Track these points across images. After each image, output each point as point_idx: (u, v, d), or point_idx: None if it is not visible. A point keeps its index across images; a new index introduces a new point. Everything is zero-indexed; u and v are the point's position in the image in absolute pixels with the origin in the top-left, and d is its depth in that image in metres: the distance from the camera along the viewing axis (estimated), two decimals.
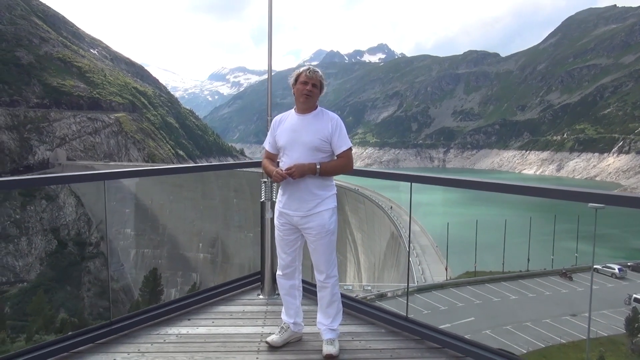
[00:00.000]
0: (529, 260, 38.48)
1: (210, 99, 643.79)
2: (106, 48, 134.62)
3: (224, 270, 60.08)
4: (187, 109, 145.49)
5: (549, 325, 26.14)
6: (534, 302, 29.95)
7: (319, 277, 2.98)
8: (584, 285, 32.04)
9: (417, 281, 34.03)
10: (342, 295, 3.39)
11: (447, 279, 34.77)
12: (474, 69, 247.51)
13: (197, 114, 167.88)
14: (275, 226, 3.03)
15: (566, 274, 34.18)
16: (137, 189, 61.19)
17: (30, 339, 33.35)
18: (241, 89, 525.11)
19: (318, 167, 2.76)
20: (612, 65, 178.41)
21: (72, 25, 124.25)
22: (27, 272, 59.71)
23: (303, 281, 3.23)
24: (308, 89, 2.83)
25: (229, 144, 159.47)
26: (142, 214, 62.95)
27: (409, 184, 3.17)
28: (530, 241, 40.18)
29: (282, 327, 3.06)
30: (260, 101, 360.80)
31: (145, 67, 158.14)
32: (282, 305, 3.11)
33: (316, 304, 3.07)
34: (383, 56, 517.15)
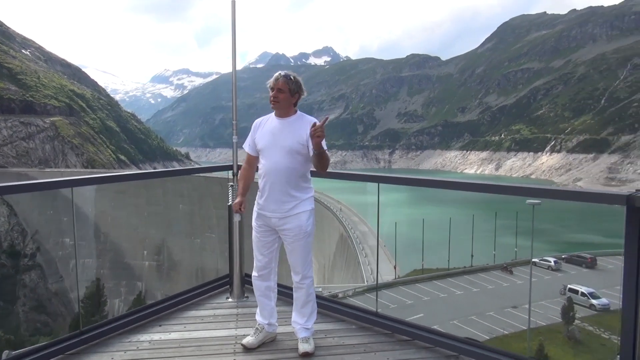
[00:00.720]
0: (472, 256, 39.98)
1: (152, 101, 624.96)
2: (39, 48, 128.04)
3: (170, 277, 58.54)
4: (129, 112, 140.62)
5: (492, 318, 27.27)
6: (478, 296, 31.12)
7: (295, 278, 3.03)
8: (524, 279, 33.61)
9: (367, 281, 34.56)
10: None
11: (395, 278, 35.54)
12: (416, 72, 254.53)
13: (139, 117, 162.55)
14: (253, 227, 3.06)
15: (507, 268, 35.75)
16: (76, 196, 58.28)
17: None
18: (185, 92, 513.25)
19: (325, 149, 2.80)
20: (544, 69, 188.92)
21: (1, 24, 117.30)
22: None
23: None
24: (273, 95, 2.90)
25: (174, 148, 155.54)
26: (81, 222, 60.18)
27: (377, 184, 3.30)
28: (473, 238, 41.77)
29: (257, 329, 3.09)
30: (205, 104, 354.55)
31: (83, 69, 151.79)
32: (252, 307, 3.16)
33: (288, 305, 3.14)
34: (328, 59, 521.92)
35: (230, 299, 3.83)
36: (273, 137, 2.92)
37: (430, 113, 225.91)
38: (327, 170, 3.03)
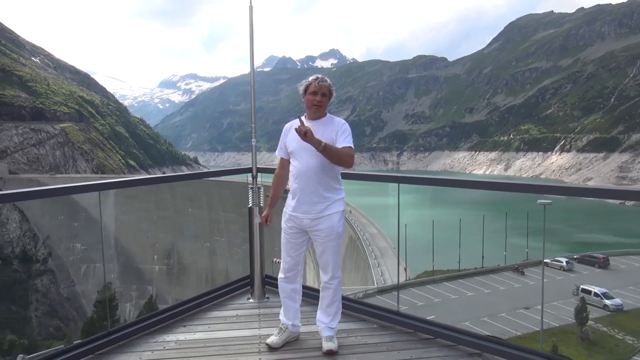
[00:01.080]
0: (483, 257, 39.77)
1: (161, 106, 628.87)
2: (49, 56, 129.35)
3: (180, 281, 58.75)
4: (137, 118, 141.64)
5: (505, 319, 27.10)
6: (489, 298, 30.96)
7: (324, 278, 3.07)
8: (535, 279, 33.39)
9: (376, 283, 34.51)
10: None
11: (406, 280, 35.45)
12: (423, 73, 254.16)
13: (147, 122, 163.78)
14: (283, 229, 3.10)
15: (518, 269, 35.53)
16: (86, 201, 59.00)
17: None
18: (193, 96, 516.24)
19: (322, 144, 2.80)
20: (552, 68, 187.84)
21: (11, 33, 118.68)
22: None
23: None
24: (318, 100, 2.95)
25: (183, 153, 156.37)
26: (92, 227, 60.69)
27: (397, 185, 3.33)
28: (484, 239, 41.57)
29: (281, 328, 3.14)
30: (213, 108, 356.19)
31: (92, 75, 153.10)
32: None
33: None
34: (335, 61, 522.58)
35: (251, 300, 3.88)
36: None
37: (438, 114, 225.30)
38: (345, 171, 3.12)
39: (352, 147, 3.01)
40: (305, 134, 2.72)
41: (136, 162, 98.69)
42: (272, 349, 3.03)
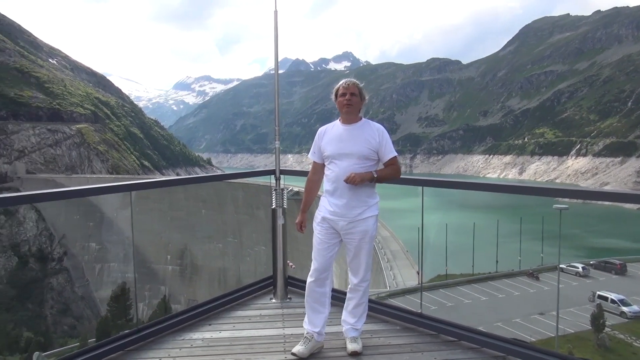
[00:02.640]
0: (497, 262, 39.46)
1: (175, 108, 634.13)
2: (66, 57, 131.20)
3: (193, 282, 59.13)
4: (152, 119, 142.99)
5: (519, 325, 26.85)
6: (504, 303, 30.71)
7: (353, 280, 3.09)
8: (550, 285, 33.04)
9: (389, 286, 34.39)
10: None
11: (419, 283, 35.26)
12: (437, 76, 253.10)
13: (162, 123, 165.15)
14: (316, 231, 3.10)
15: (533, 274, 35.19)
16: (101, 201, 59.70)
17: None
18: (207, 98, 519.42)
19: (375, 175, 2.93)
20: (568, 71, 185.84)
21: (29, 35, 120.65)
22: None
23: None
24: (347, 98, 3.00)
25: (196, 154, 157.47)
26: (106, 227, 61.38)
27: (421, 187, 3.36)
28: (498, 243, 41.25)
29: (306, 337, 3.04)
30: (226, 110, 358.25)
31: (107, 77, 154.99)
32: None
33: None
34: (348, 64, 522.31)
35: (274, 300, 3.93)
36: (341, 143, 2.97)
37: (452, 117, 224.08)
38: None
39: (396, 154, 3.10)
40: (354, 180, 2.85)
41: (150, 163, 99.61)
42: (298, 357, 2.96)
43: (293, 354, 2.98)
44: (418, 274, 37.21)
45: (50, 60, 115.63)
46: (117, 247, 60.91)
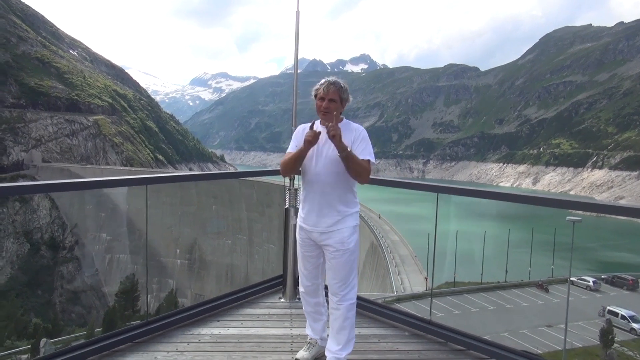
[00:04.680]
0: (506, 271, 39.12)
1: (191, 103, 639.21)
2: (86, 49, 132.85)
3: (200, 276, 59.43)
4: (168, 114, 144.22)
5: (525, 336, 26.59)
6: (511, 313, 30.44)
7: (332, 299, 2.82)
8: (560, 297, 32.70)
9: (396, 291, 34.24)
10: (362, 299, 3.50)
11: (426, 290, 35.07)
12: (454, 82, 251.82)
13: (177, 118, 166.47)
14: (297, 241, 2.94)
15: (542, 286, 34.86)
16: (113, 193, 60.27)
17: (2, 344, 32.44)
18: (223, 95, 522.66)
19: (348, 149, 2.56)
20: (587, 83, 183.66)
21: (52, 26, 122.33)
22: None
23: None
24: (325, 106, 2.72)
25: (210, 150, 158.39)
26: (118, 218, 61.96)
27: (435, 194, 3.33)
28: (508, 253, 40.89)
29: (310, 343, 3.00)
30: (242, 107, 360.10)
31: (126, 70, 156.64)
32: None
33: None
34: (365, 66, 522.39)
35: (282, 300, 3.92)
36: (317, 145, 2.69)
37: (467, 124, 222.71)
38: (385, 178, 3.02)
39: (372, 160, 2.72)
40: (334, 135, 2.51)
41: (164, 157, 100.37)
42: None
43: (297, 359, 2.90)
44: (426, 279, 37.08)
45: (70, 51, 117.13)
46: (128, 238, 61.48)
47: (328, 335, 2.94)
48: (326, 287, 2.93)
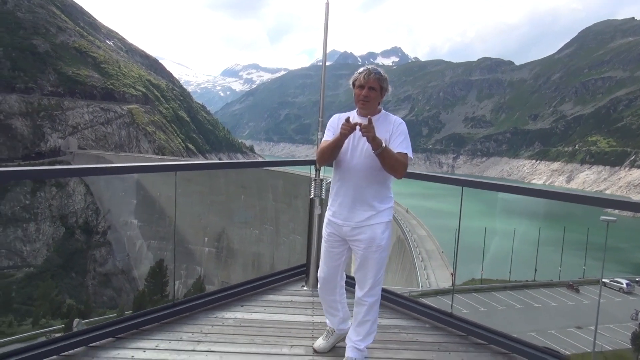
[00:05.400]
0: (536, 270, 38.38)
1: (222, 94, 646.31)
2: (122, 40, 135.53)
3: (227, 265, 60.31)
4: (199, 104, 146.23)
5: (553, 336, 26.09)
6: (539, 313, 29.89)
7: (358, 293, 2.76)
8: (591, 298, 31.92)
9: (421, 286, 34.06)
10: (385, 291, 3.52)
11: (452, 285, 34.76)
12: (487, 76, 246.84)
13: (208, 108, 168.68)
14: (323, 236, 2.86)
15: (573, 286, 34.06)
16: (145, 180, 61.62)
17: (37, 323, 33.84)
18: (253, 86, 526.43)
19: (383, 146, 2.45)
20: (628, 79, 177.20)
21: (89, 16, 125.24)
22: (34, 257, 60.29)
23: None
24: (364, 94, 2.62)
25: (239, 140, 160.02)
26: (149, 205, 63.39)
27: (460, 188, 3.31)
28: (538, 252, 40.07)
29: (328, 331, 2.99)
30: (272, 99, 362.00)
31: (160, 60, 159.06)
32: None
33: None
34: (397, 59, 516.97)
35: (305, 288, 3.99)
36: (353, 137, 2.61)
37: (499, 119, 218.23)
38: (411, 172, 2.87)
39: (409, 154, 2.62)
40: (368, 130, 2.39)
41: (195, 146, 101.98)
42: (319, 353, 2.89)
43: (314, 349, 2.91)
44: (452, 275, 36.74)
45: (107, 41, 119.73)
46: (158, 225, 62.87)
47: (346, 326, 2.95)
48: (353, 279, 2.88)
